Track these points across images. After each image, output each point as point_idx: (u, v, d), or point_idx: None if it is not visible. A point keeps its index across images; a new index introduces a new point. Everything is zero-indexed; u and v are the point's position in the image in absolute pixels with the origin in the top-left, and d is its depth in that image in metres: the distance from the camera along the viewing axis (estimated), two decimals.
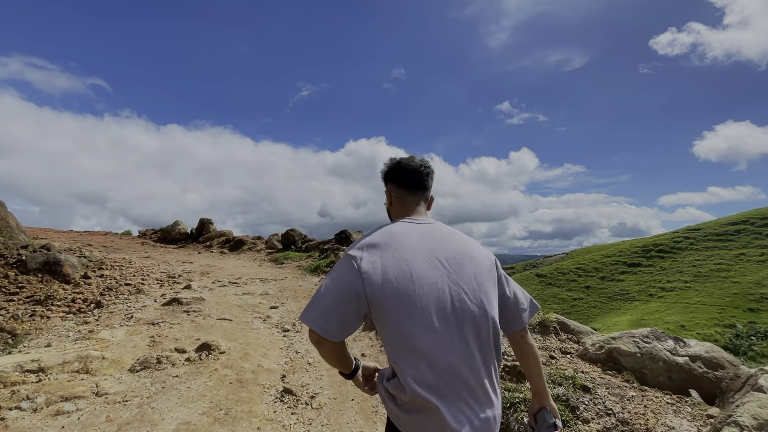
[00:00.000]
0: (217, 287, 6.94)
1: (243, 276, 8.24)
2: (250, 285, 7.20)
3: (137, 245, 16.24)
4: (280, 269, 9.53)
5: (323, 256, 9.52)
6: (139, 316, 4.76)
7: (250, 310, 5.36)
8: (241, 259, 11.90)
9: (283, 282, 7.47)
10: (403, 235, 1.08)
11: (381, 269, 0.99)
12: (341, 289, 1.01)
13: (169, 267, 10.16)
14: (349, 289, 1.00)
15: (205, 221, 16.42)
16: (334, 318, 1.00)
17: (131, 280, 7.98)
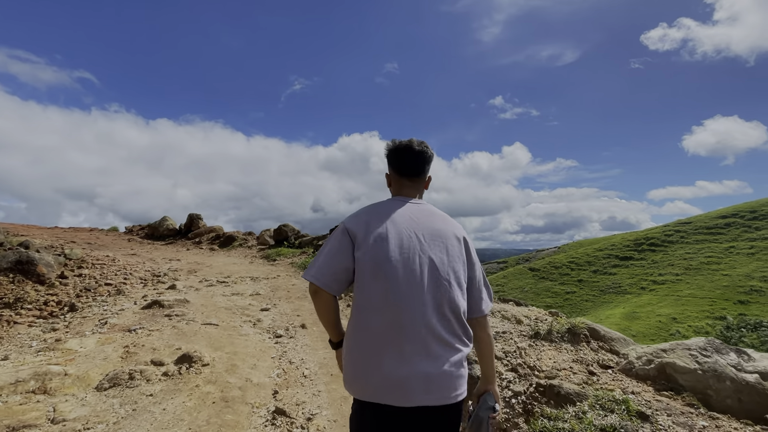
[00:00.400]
0: (204, 287, 6.47)
1: (232, 274, 7.77)
2: (240, 284, 6.74)
3: (123, 242, 15.63)
4: (272, 266, 9.07)
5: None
6: (115, 322, 4.29)
7: (239, 312, 4.92)
8: (232, 256, 11.40)
9: (275, 281, 7.03)
10: (391, 209, 1.29)
11: (364, 235, 1.21)
12: (335, 248, 1.23)
13: (154, 265, 9.64)
14: (341, 247, 1.22)
15: (194, 217, 15.84)
16: (328, 271, 1.21)
17: (112, 279, 7.48)
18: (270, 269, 8.53)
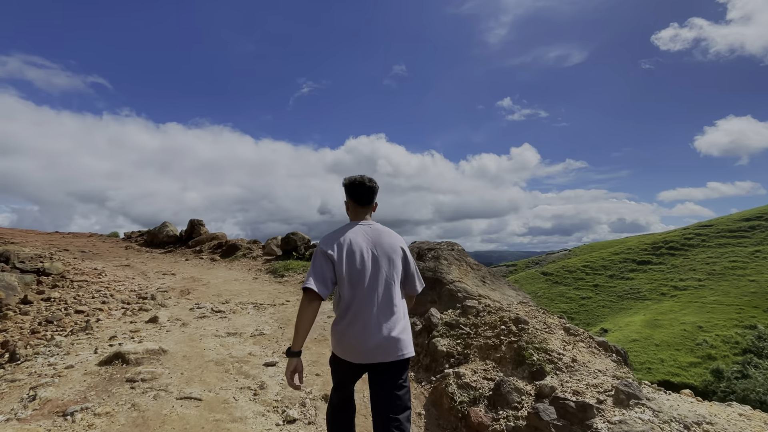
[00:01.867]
0: (193, 320, 5.07)
1: (232, 298, 6.37)
2: (240, 315, 5.33)
3: (120, 249, 14.38)
4: (279, 285, 7.65)
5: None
6: (50, 395, 2.89)
7: (235, 370, 3.49)
8: (234, 269, 10.03)
9: (284, 310, 5.60)
10: (352, 232, 1.90)
11: (338, 250, 1.82)
12: (321, 266, 1.80)
13: (144, 281, 8.29)
14: (326, 265, 1.81)
15: (195, 222, 14.54)
16: (321, 283, 1.77)
17: (88, 303, 6.11)
18: (277, 290, 7.11)
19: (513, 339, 2.87)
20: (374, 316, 1.75)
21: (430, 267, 4.43)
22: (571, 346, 2.73)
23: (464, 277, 4.31)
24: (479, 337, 3.16)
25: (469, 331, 3.28)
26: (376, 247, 1.85)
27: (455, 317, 3.60)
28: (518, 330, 2.97)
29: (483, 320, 3.37)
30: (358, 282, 1.77)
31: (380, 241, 1.87)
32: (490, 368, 2.76)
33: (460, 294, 3.97)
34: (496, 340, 3.00)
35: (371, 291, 1.78)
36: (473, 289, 4.08)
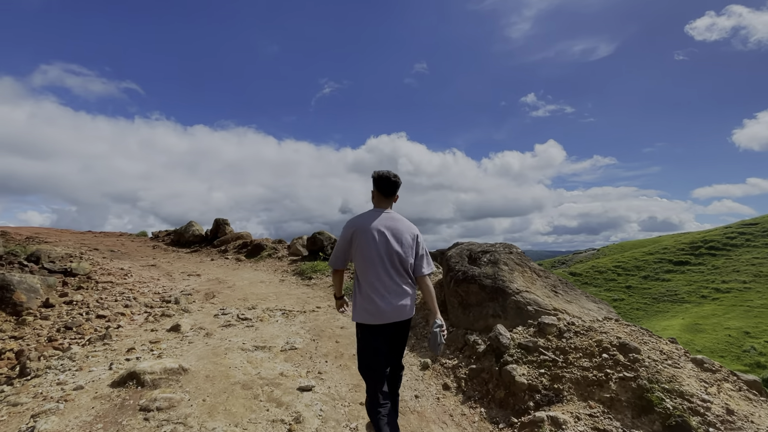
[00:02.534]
0: (217, 329, 4.58)
1: (259, 303, 5.88)
2: (268, 324, 4.80)
3: (148, 249, 14.36)
4: (308, 288, 7.12)
5: None
6: (49, 428, 2.40)
7: (265, 396, 2.92)
8: (259, 270, 9.61)
9: (315, 318, 5.04)
10: (372, 217, 2.26)
11: (359, 230, 2.21)
12: (344, 245, 2.27)
13: (169, 282, 7.96)
14: (346, 245, 2.26)
15: (220, 222, 14.33)
16: (343, 259, 2.32)
17: (110, 307, 5.76)
18: (306, 294, 6.57)
19: (626, 374, 2.16)
20: (387, 287, 2.15)
21: (487, 273, 3.74)
22: (715, 388, 2.00)
23: (531, 285, 3.60)
24: (572, 367, 2.46)
25: (555, 357, 2.58)
26: (391, 230, 2.22)
27: (531, 338, 2.91)
28: (628, 360, 2.26)
29: (571, 344, 2.66)
30: (373, 260, 2.16)
31: (395, 226, 2.24)
32: (598, 414, 2.07)
33: (530, 307, 3.27)
34: (599, 374, 2.30)
35: (385, 266, 2.16)
36: (545, 301, 3.36)
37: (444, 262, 4.49)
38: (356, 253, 2.20)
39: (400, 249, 2.18)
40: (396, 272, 2.17)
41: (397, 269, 2.17)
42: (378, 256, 2.14)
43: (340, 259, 2.31)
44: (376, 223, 2.20)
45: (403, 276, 2.20)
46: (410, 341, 3.98)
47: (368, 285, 2.15)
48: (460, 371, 3.11)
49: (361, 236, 2.17)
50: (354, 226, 2.23)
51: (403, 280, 2.19)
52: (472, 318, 3.58)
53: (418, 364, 3.50)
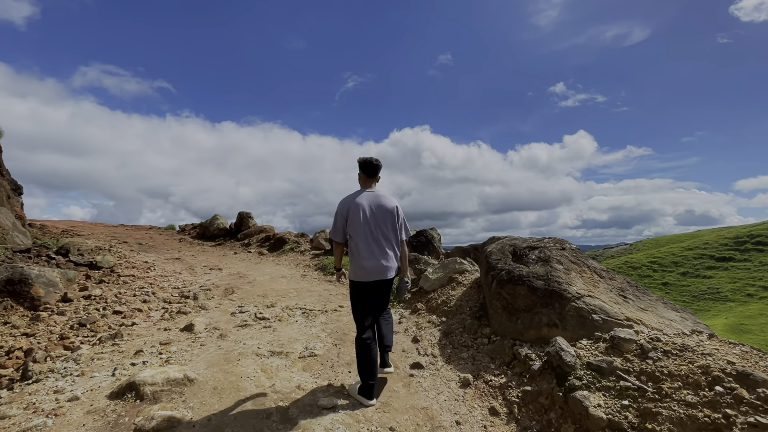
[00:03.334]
0: (233, 329, 4.21)
1: (278, 301, 5.50)
2: (287, 324, 4.39)
3: (174, 242, 14.48)
4: (329, 285, 6.70)
5: None
6: None
7: (279, 416, 2.47)
8: (281, 264, 9.32)
9: (337, 318, 4.59)
10: (360, 195, 2.70)
11: (349, 208, 2.64)
12: (340, 222, 2.68)
13: (190, 276, 7.76)
14: (342, 221, 2.67)
15: (244, 215, 14.23)
16: (342, 234, 2.69)
17: (128, 302, 5.54)
18: (328, 291, 6.15)
19: (761, 420, 1.55)
20: (375, 252, 2.66)
21: (538, 273, 3.14)
22: None
23: (594, 289, 2.98)
24: (669, 401, 1.85)
25: (642, 385, 1.98)
26: (376, 205, 2.69)
27: (603, 356, 2.31)
28: (758, 399, 1.65)
29: (662, 367, 2.05)
30: (362, 231, 2.64)
31: (378, 202, 2.70)
32: None
33: (596, 316, 2.66)
34: (714, 415, 1.69)
35: (372, 236, 2.66)
36: (613, 308, 2.73)
37: (482, 260, 3.93)
38: (350, 226, 2.65)
39: (384, 220, 2.68)
40: (382, 239, 2.66)
41: (382, 236, 2.67)
42: (366, 226, 2.63)
43: (340, 232, 2.69)
44: (364, 200, 2.67)
45: (388, 242, 2.70)
46: (446, 350, 3.46)
47: (359, 251, 2.63)
48: (510, 392, 2.56)
49: (354, 211, 2.63)
50: (348, 204, 2.67)
51: (387, 246, 2.68)
52: (520, 326, 3.00)
53: (456, 380, 2.96)
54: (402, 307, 4.64)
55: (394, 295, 2.98)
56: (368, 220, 2.62)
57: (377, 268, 2.62)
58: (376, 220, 2.64)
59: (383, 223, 2.66)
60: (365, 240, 2.61)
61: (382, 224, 2.65)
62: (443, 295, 4.12)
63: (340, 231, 2.68)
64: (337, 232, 2.71)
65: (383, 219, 2.66)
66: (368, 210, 2.63)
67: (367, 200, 2.66)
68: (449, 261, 4.55)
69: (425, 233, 6.21)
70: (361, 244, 2.61)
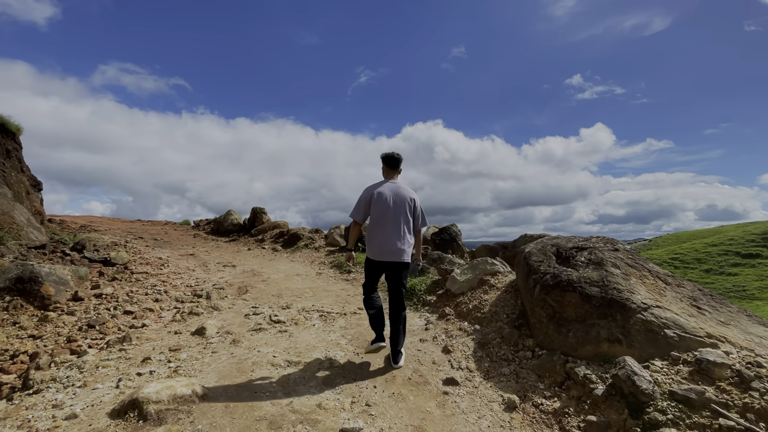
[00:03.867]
0: (246, 334, 3.91)
1: (294, 301, 5.20)
2: (303, 329, 4.07)
3: (189, 237, 14.42)
4: (347, 284, 6.38)
5: None
6: None
7: None
8: (295, 261, 9.05)
9: (357, 322, 4.25)
10: (383, 185, 3.03)
11: (375, 193, 2.97)
12: (362, 205, 3.02)
13: (204, 274, 7.55)
14: (365, 205, 3.02)
15: (257, 211, 14.05)
16: (363, 215, 3.04)
17: (140, 301, 5.32)
18: (345, 292, 5.82)
19: None
20: (390, 235, 2.93)
21: (591, 278, 2.72)
22: None
23: (660, 297, 2.53)
24: None
25: (753, 427, 1.57)
26: (395, 195, 2.98)
27: (689, 383, 1.89)
28: None
29: None
30: (381, 215, 2.94)
31: (398, 192, 3.00)
32: None
33: (670, 332, 2.22)
34: None
35: (389, 221, 2.93)
36: (689, 322, 2.30)
37: (519, 262, 3.52)
38: (372, 210, 2.96)
39: (402, 209, 2.94)
40: (397, 226, 2.92)
41: (399, 224, 2.92)
42: (386, 213, 2.91)
43: (361, 213, 3.00)
44: (386, 189, 2.97)
45: (403, 229, 2.94)
46: (483, 363, 3.07)
47: (376, 234, 2.94)
48: (568, 421, 2.16)
49: (377, 198, 2.92)
50: (372, 189, 2.98)
51: (402, 232, 2.93)
52: (572, 340, 2.59)
53: (499, 401, 2.57)
54: (427, 311, 4.27)
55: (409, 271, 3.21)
56: (389, 206, 2.93)
57: (392, 249, 2.91)
58: (396, 208, 2.94)
59: (401, 211, 2.95)
60: (384, 224, 2.92)
61: (400, 211, 2.94)
62: (474, 300, 3.73)
63: (362, 212, 3.00)
64: (358, 213, 3.01)
65: (402, 207, 2.95)
66: (391, 198, 2.95)
67: (389, 189, 2.99)
68: (479, 261, 4.14)
69: (449, 230, 5.79)
70: (380, 228, 2.93)
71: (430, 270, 5.15)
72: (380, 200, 2.93)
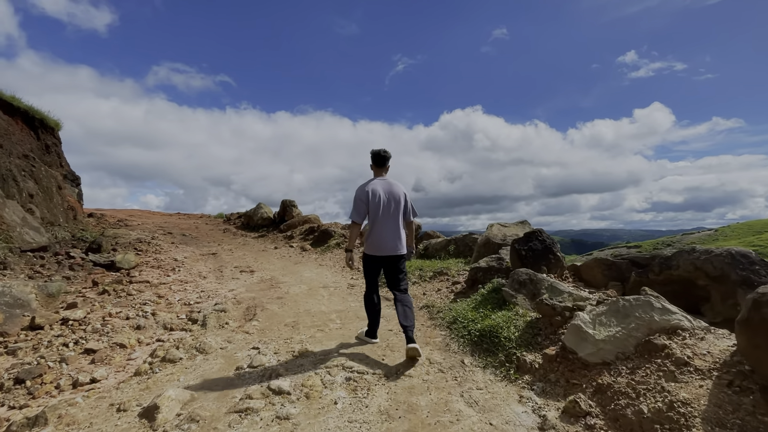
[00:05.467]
0: (223, 418, 2.28)
1: (313, 338, 3.52)
2: (317, 411, 2.34)
3: (218, 233, 13.45)
4: (389, 305, 4.62)
5: (481, 285, 4.14)
6: None
7: None
8: (324, 266, 7.46)
9: (410, 386, 2.46)
10: (375, 182, 3.10)
11: (368, 193, 3.03)
12: (361, 205, 3.04)
13: (213, 283, 6.15)
14: (362, 204, 3.04)
15: (287, 204, 12.71)
16: (361, 215, 3.05)
17: (114, 331, 3.93)
18: (385, 318, 4.05)
19: None
20: (388, 231, 3.04)
21: None
22: None
23: None
24: None
25: None
26: (388, 192, 3.06)
27: None
28: None
29: None
30: (377, 212, 3.01)
31: (390, 189, 3.08)
32: None
33: None
34: None
35: (385, 217, 3.03)
36: None
37: (754, 318, 1.58)
38: (370, 212, 3.04)
39: (395, 204, 3.06)
40: (395, 222, 3.07)
41: (396, 220, 3.07)
42: (381, 209, 3.02)
43: (362, 214, 3.05)
44: (379, 186, 3.07)
45: (397, 223, 3.08)
46: None
47: (374, 230, 3.05)
48: None
49: (372, 196, 3.02)
50: (367, 189, 3.05)
51: (397, 226, 3.08)
52: None
53: None
54: (532, 388, 2.36)
55: None
56: (384, 203, 3.03)
57: (390, 244, 3.04)
58: (390, 204, 3.04)
59: (396, 207, 3.07)
60: (381, 220, 3.03)
61: (395, 207, 3.06)
62: (647, 391, 1.79)
63: (362, 213, 3.04)
64: (358, 214, 3.04)
65: (397, 203, 3.07)
66: (383, 195, 3.05)
67: (381, 186, 3.08)
68: (632, 303, 2.18)
69: (539, 236, 3.75)
70: (378, 224, 3.03)
71: (518, 301, 3.23)
72: (376, 198, 3.02)
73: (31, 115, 12.40)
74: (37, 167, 11.50)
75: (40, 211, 10.16)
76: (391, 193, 3.05)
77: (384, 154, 3.13)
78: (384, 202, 3.01)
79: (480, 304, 3.65)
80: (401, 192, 3.10)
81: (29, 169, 11.07)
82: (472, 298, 3.95)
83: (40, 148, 13.51)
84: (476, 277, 4.29)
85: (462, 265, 5.77)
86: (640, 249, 40.45)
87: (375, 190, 3.01)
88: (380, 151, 3.13)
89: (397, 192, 3.08)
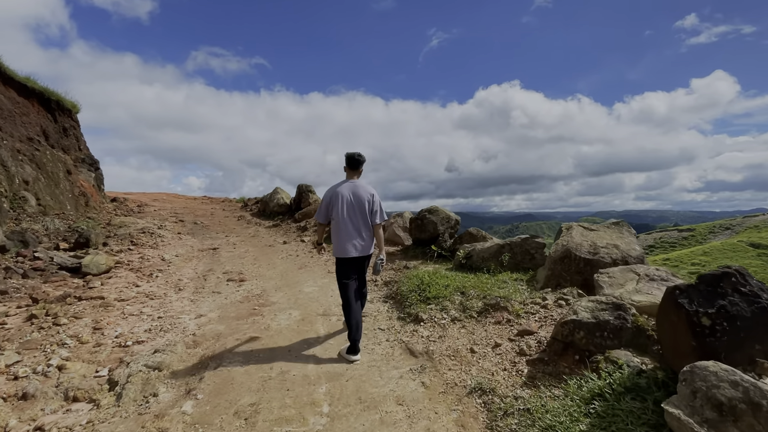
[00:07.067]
0: None
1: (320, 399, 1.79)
2: None
3: (233, 220, 12.15)
4: (429, 345, 2.76)
5: (580, 356, 2.25)
6: None
7: None
8: (334, 273, 5.74)
9: None
10: (343, 185, 3.11)
11: (335, 194, 3.08)
12: (324, 207, 3.12)
13: (185, 301, 4.56)
14: (327, 207, 3.12)
15: (303, 190, 11.05)
16: (325, 216, 3.15)
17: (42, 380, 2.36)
18: (423, 382, 2.20)
19: None
20: (350, 233, 3.04)
21: None
22: None
23: None
24: None
25: None
26: (354, 195, 3.07)
27: None
28: None
29: None
30: (339, 214, 3.04)
31: (357, 191, 3.08)
32: None
33: None
34: None
35: (349, 220, 3.05)
36: None
37: None
38: (332, 210, 3.09)
39: (360, 207, 3.06)
40: (358, 223, 3.07)
41: (358, 221, 3.07)
42: (345, 212, 3.05)
43: (323, 215, 3.15)
44: (345, 189, 3.09)
45: (363, 225, 3.09)
46: None
47: (340, 232, 3.06)
48: None
49: (336, 198, 3.07)
50: (332, 192, 3.12)
51: (362, 228, 3.08)
52: None
53: None
54: None
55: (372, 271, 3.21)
56: (346, 207, 3.05)
57: (353, 247, 3.04)
58: (353, 207, 3.06)
59: (359, 209, 3.07)
60: (345, 223, 3.05)
61: (358, 210, 3.06)
62: None
63: (323, 213, 3.14)
64: (320, 215, 3.17)
65: (359, 206, 3.06)
66: (349, 197, 3.07)
67: (347, 189, 3.10)
68: None
69: (740, 283, 1.70)
70: (341, 227, 3.05)
71: None
72: (341, 201, 3.06)
73: (46, 96, 11.40)
74: (42, 151, 10.48)
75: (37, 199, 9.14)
76: (356, 196, 3.08)
77: (358, 157, 3.16)
78: (347, 205, 3.06)
79: (601, 419, 1.70)
80: (366, 194, 3.12)
81: (30, 154, 10.03)
82: (573, 390, 2.00)
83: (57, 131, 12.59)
84: (571, 338, 2.32)
85: (525, 289, 3.77)
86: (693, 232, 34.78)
87: (338, 192, 3.09)
88: (354, 154, 3.16)
89: (362, 195, 3.10)
